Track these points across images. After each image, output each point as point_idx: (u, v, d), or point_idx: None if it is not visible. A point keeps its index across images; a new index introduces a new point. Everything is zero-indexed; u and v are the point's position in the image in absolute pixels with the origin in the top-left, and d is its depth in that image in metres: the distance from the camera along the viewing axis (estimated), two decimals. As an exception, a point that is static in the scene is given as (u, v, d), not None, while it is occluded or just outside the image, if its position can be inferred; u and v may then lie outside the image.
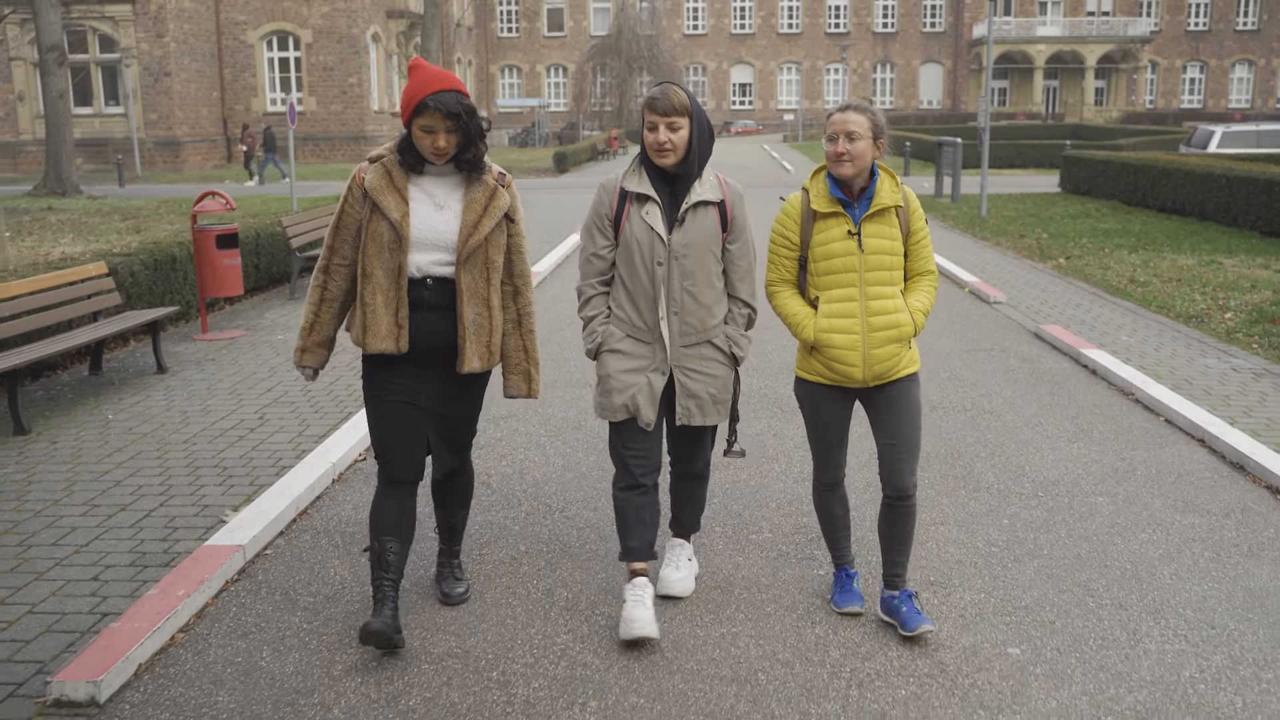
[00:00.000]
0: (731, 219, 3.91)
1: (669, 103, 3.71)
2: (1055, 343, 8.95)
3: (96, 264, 8.36)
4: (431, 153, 3.62)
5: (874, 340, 3.78)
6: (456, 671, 3.65)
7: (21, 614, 4.06)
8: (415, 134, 3.61)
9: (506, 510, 5.20)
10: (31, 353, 6.78)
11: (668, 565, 4.22)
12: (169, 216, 20.99)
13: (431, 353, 3.74)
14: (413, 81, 3.59)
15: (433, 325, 3.70)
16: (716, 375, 3.93)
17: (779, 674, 3.64)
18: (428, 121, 3.56)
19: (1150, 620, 4.04)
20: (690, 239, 3.82)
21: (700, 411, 3.92)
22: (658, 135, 3.74)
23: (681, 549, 4.29)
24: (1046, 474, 5.72)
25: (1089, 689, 3.55)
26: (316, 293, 3.81)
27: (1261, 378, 7.72)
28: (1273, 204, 15.76)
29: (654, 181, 3.85)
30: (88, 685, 3.41)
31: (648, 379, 3.86)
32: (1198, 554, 4.67)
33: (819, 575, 4.42)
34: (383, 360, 3.74)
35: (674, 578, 4.19)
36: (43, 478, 5.66)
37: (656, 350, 3.87)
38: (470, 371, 3.75)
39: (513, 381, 3.94)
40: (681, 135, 3.75)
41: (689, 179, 3.83)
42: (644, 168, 3.87)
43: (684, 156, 3.80)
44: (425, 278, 3.67)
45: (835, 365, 3.83)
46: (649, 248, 3.81)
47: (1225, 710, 3.42)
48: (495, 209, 3.71)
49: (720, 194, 3.88)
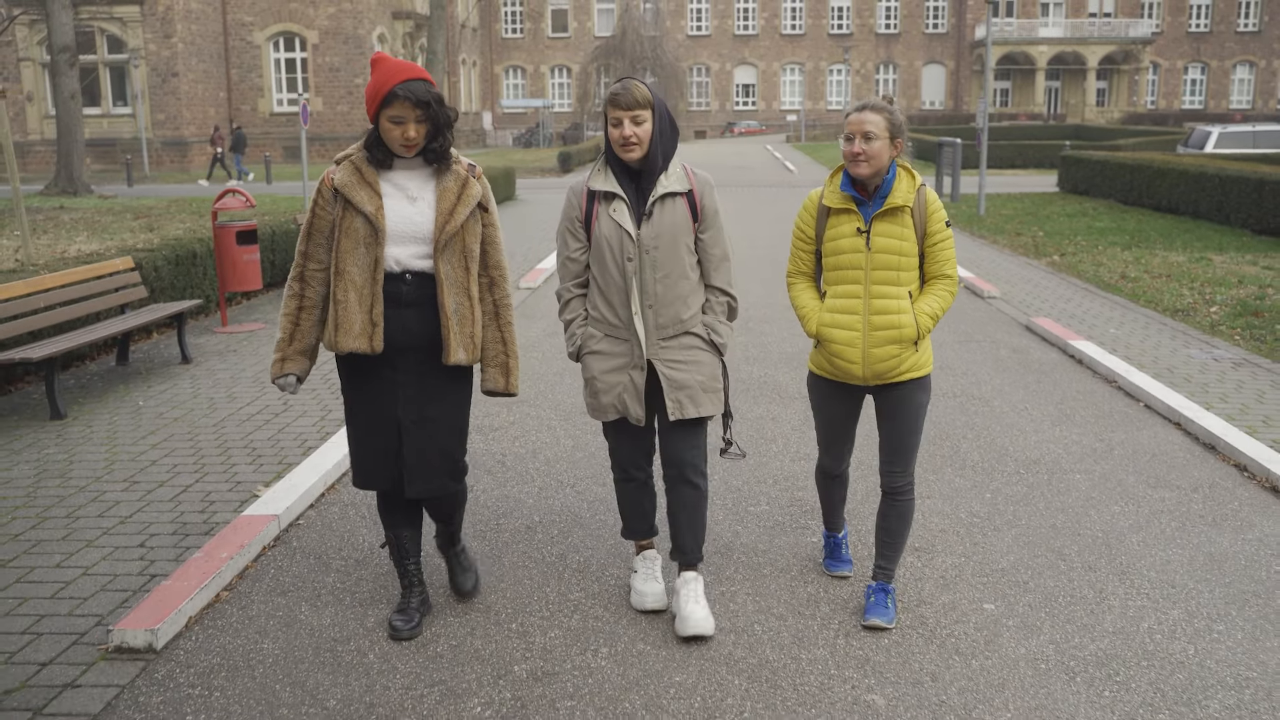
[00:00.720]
0: (701, 208, 3.88)
1: (631, 97, 3.71)
2: (1045, 334, 9.29)
3: (123, 259, 8.72)
4: (401, 144, 3.57)
5: (874, 339, 3.81)
6: (480, 623, 4.00)
7: (77, 575, 4.41)
8: (384, 126, 3.56)
9: (521, 485, 5.55)
10: (66, 341, 7.14)
11: (687, 601, 3.90)
12: (180, 215, 21.32)
13: (407, 352, 3.67)
14: (377, 75, 3.56)
15: (409, 323, 3.64)
16: (702, 363, 3.90)
17: (773, 625, 3.99)
18: (397, 112, 3.52)
19: (1116, 580, 4.39)
20: (659, 231, 3.80)
21: (692, 402, 3.87)
22: (622, 130, 3.73)
23: (696, 583, 3.96)
24: (1028, 454, 6.06)
25: (1056, 639, 3.90)
26: (294, 301, 3.74)
27: (1240, 366, 8.06)
28: (1263, 203, 16.09)
29: (620, 179, 3.84)
30: (145, 633, 3.76)
31: (629, 376, 3.87)
32: (1165, 524, 5.01)
33: (812, 543, 4.76)
34: (358, 363, 3.69)
35: (699, 614, 3.85)
36: (83, 458, 6.01)
37: (633, 346, 3.87)
38: (456, 363, 3.67)
39: (490, 375, 3.85)
40: (645, 128, 3.74)
41: (654, 173, 3.81)
42: (609, 167, 3.87)
43: (648, 150, 3.78)
44: (404, 272, 3.63)
45: (836, 361, 3.89)
46: (619, 245, 3.81)
47: (1178, 656, 3.76)
48: (468, 197, 3.68)
49: (688, 184, 3.86)
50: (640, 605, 4.04)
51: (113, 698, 3.48)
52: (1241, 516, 5.12)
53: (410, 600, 3.95)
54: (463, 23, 59.25)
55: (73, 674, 3.62)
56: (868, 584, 4.12)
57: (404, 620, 3.89)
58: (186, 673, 3.65)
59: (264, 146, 44.18)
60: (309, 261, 3.72)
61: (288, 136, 45.91)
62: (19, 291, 7.29)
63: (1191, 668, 3.69)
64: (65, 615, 4.05)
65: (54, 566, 4.49)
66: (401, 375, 3.69)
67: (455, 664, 3.70)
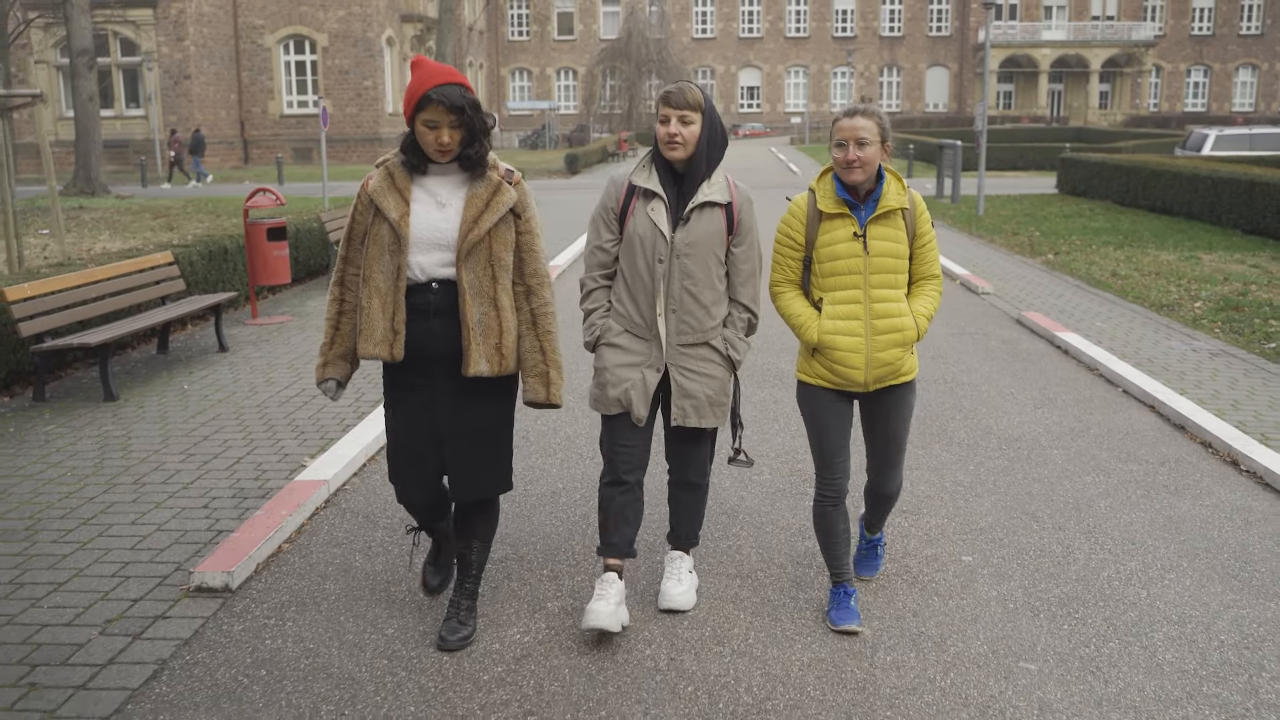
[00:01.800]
0: (738, 222, 3.91)
1: (683, 97, 3.77)
2: (1034, 327, 9.80)
3: (163, 254, 9.26)
4: (435, 149, 3.53)
5: (877, 343, 3.80)
6: (515, 569, 4.52)
7: (151, 531, 4.93)
8: (418, 130, 3.52)
9: (544, 458, 6.07)
10: (119, 329, 7.67)
11: (669, 578, 4.13)
12: (198, 215, 21.89)
13: (437, 361, 3.63)
14: (415, 78, 3.52)
15: (437, 330, 3.59)
16: (714, 376, 3.93)
17: (774, 573, 4.50)
18: (431, 116, 3.48)
19: (1082, 538, 4.90)
20: (694, 238, 3.83)
21: (696, 413, 3.91)
22: (669, 127, 3.77)
23: (681, 561, 4.19)
24: (1011, 432, 6.57)
25: (1025, 584, 4.41)
26: (334, 306, 3.74)
27: (1217, 357, 8.55)
28: (1254, 204, 16.57)
29: (663, 179, 3.86)
30: (222, 575, 4.28)
31: (642, 374, 3.87)
32: (1131, 491, 5.52)
33: (808, 506, 5.26)
34: (395, 372, 3.70)
35: (675, 591, 4.09)
36: (139, 434, 6.53)
37: (653, 347, 3.89)
38: (477, 374, 3.59)
39: (530, 385, 3.73)
40: (692, 130, 3.78)
41: (697, 178, 3.84)
42: (654, 165, 3.90)
43: (693, 153, 3.82)
44: (430, 281, 3.58)
45: (837, 368, 3.84)
46: (651, 244, 3.83)
47: (1131, 599, 4.27)
48: (498, 204, 3.59)
49: (728, 196, 3.88)
50: (585, 624, 3.77)
51: (199, 626, 4.00)
52: (1202, 486, 5.62)
53: (439, 556, 4.09)
54: (470, 25, 59.84)
55: (161, 608, 4.14)
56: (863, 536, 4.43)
57: (434, 572, 4.07)
58: (261, 607, 4.17)
59: (275, 148, 44.80)
60: (348, 266, 3.71)
61: (297, 138, 46.49)
62: (72, 283, 7.82)
63: (1142, 607, 4.20)
64: (146, 562, 4.57)
65: (129, 524, 5.02)
66: (438, 384, 3.65)
67: (496, 601, 4.21)
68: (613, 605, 3.81)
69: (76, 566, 4.53)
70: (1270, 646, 3.88)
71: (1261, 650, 3.85)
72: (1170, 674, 3.69)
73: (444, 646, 3.81)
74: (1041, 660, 3.78)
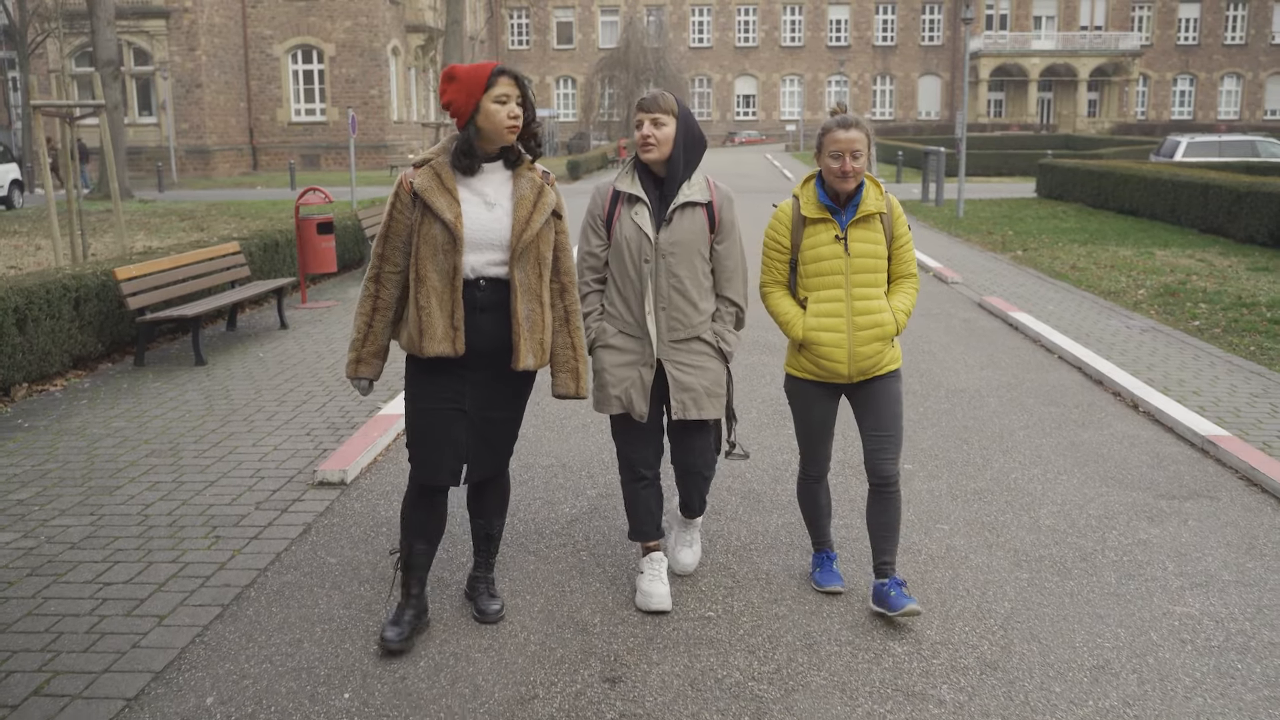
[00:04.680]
0: (719, 220, 4.07)
1: (655, 102, 3.96)
2: (991, 309, 11.17)
3: (231, 244, 10.61)
4: (508, 125, 3.64)
5: (859, 339, 4.01)
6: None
7: (270, 450, 6.27)
8: (488, 111, 3.62)
9: (549, 431, 7.42)
10: (207, 304, 9.03)
11: (679, 543, 4.51)
12: (222, 217, 23.23)
13: (482, 355, 3.72)
14: (465, 71, 3.65)
15: (484, 326, 3.69)
16: (708, 368, 4.10)
17: (754, 475, 5.86)
18: (503, 90, 3.62)
19: (1000, 455, 6.25)
20: (677, 238, 3.99)
21: (695, 405, 4.07)
22: (643, 130, 3.96)
23: (689, 528, 4.51)
24: (957, 385, 7.93)
25: (949, 482, 5.76)
26: (369, 303, 3.77)
27: (1146, 332, 9.91)
28: (1208, 205, 17.96)
29: (645, 184, 4.03)
30: (339, 472, 5.64)
31: (639, 373, 4.04)
32: (1047, 425, 6.88)
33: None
34: (431, 363, 3.73)
35: (685, 557, 4.48)
36: (235, 389, 7.88)
37: (645, 345, 4.05)
38: (525, 369, 3.74)
39: (561, 380, 3.90)
40: (666, 132, 3.94)
41: (676, 181, 4.00)
42: (636, 171, 4.07)
43: (670, 155, 3.97)
44: (479, 279, 3.68)
45: (822, 362, 4.05)
46: (637, 246, 3.99)
47: (1028, 489, 5.63)
48: (544, 204, 3.74)
49: (708, 196, 4.05)
50: (645, 606, 4.14)
51: (324, 508, 5.34)
52: (1104, 422, 6.98)
53: (404, 614, 3.90)
54: (471, 35, 61.26)
55: (296, 494, 5.50)
56: (876, 583, 4.16)
57: (397, 634, 3.83)
58: (370, 494, 5.53)
59: (283, 154, 46.19)
60: (385, 264, 3.74)
61: (305, 145, 47.82)
62: (164, 266, 9.17)
63: (1035, 495, 5.56)
64: (274, 468, 5.92)
65: (251, 446, 6.37)
66: (471, 375, 3.74)
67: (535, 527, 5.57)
68: (667, 585, 4.20)
69: (221, 471, 5.89)
70: (1122, 517, 5.25)
71: (1115, 519, 5.22)
72: (1046, 532, 5.05)
73: (483, 620, 4.07)
74: (951, 523, 5.15)
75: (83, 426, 6.84)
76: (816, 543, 4.46)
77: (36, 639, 3.93)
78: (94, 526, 5.06)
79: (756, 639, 3.98)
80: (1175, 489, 5.68)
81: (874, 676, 3.70)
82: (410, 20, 50.28)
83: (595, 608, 4.22)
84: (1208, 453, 6.29)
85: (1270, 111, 71.58)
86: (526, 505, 5.38)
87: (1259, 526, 5.14)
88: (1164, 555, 4.78)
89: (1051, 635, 4.02)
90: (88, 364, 8.63)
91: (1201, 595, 4.37)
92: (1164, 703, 3.55)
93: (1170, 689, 3.64)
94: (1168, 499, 5.52)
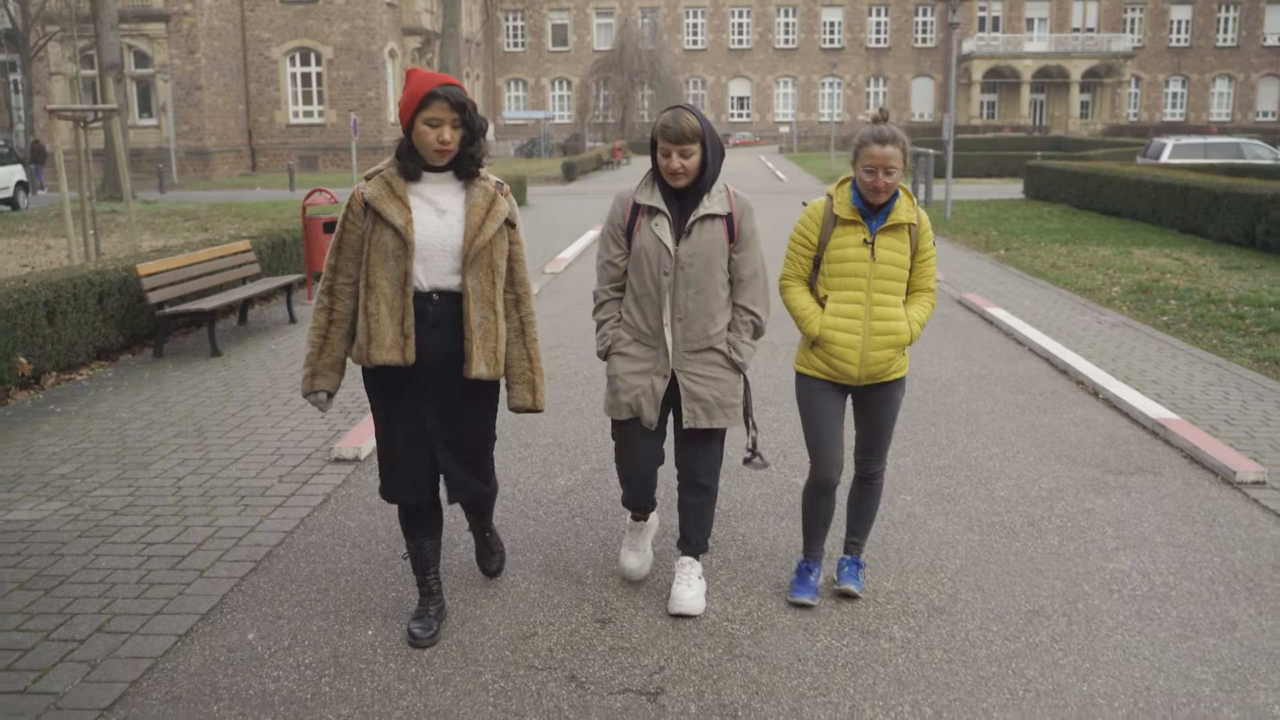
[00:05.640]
0: (738, 230, 4.06)
1: (680, 130, 3.86)
2: (969, 305, 11.67)
3: (242, 242, 11.10)
4: (436, 148, 3.59)
5: (873, 343, 4.05)
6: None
7: (287, 431, 6.76)
8: (419, 131, 3.59)
9: (569, 389, 7.92)
10: (221, 299, 9.52)
11: (679, 583, 4.25)
12: (225, 218, 23.69)
13: (434, 369, 3.71)
14: (413, 81, 3.61)
15: (437, 341, 3.68)
16: (721, 379, 4.08)
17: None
18: (434, 114, 3.56)
19: (964, 435, 6.75)
20: (696, 250, 3.98)
21: (706, 414, 4.07)
22: (670, 162, 3.90)
23: (691, 567, 4.31)
24: (930, 375, 8.43)
25: (914, 459, 6.26)
26: (323, 315, 3.75)
27: (1116, 327, 10.42)
28: (1187, 206, 18.49)
29: (665, 195, 4.02)
30: (354, 449, 6.13)
31: (651, 382, 4.05)
32: (1011, 410, 7.38)
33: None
34: (386, 376, 3.73)
35: (687, 595, 4.20)
36: (250, 377, 8.36)
37: (660, 355, 4.06)
38: (477, 376, 3.71)
39: (517, 391, 3.90)
40: (694, 161, 3.91)
41: (699, 193, 4.00)
42: (656, 182, 4.05)
43: (697, 176, 3.98)
44: (432, 292, 3.67)
45: (834, 361, 4.09)
46: (656, 258, 3.99)
47: (987, 467, 6.13)
48: (497, 212, 3.72)
49: (728, 207, 4.04)
50: (622, 572, 4.47)
51: (341, 480, 5.83)
52: (1065, 408, 7.49)
53: (429, 609, 4.03)
54: (467, 38, 61.76)
55: (313, 471, 5.99)
56: (841, 558, 4.49)
57: (423, 628, 3.95)
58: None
59: (281, 156, 46.69)
60: (338, 275, 3.72)
61: (302, 146, 48.32)
62: (180, 263, 9.66)
63: (994, 470, 6.06)
64: (293, 447, 6.41)
65: (270, 428, 6.86)
66: (430, 391, 3.74)
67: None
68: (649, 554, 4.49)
69: (244, 450, 6.38)
70: (1071, 489, 5.76)
71: (1064, 492, 5.72)
72: (999, 502, 5.56)
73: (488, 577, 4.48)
74: (913, 494, 5.65)
75: (111, 411, 7.33)
76: (805, 550, 4.47)
77: (93, 588, 4.43)
78: (133, 496, 5.56)
79: (731, 588, 4.48)
80: (1123, 465, 6.18)
81: (834, 619, 4.20)
82: (407, 23, 50.77)
83: (588, 563, 4.73)
84: (1157, 434, 6.80)
85: (1262, 113, 72.19)
86: (526, 478, 5.87)
87: (1195, 498, 5.65)
88: (1104, 522, 5.29)
89: (994, 586, 4.52)
90: (110, 355, 9.12)
91: (1133, 554, 4.88)
92: (1087, 639, 4.05)
93: (1094, 629, 4.14)
94: (1115, 474, 6.02)
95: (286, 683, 3.69)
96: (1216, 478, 5.97)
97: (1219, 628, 4.16)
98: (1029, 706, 3.59)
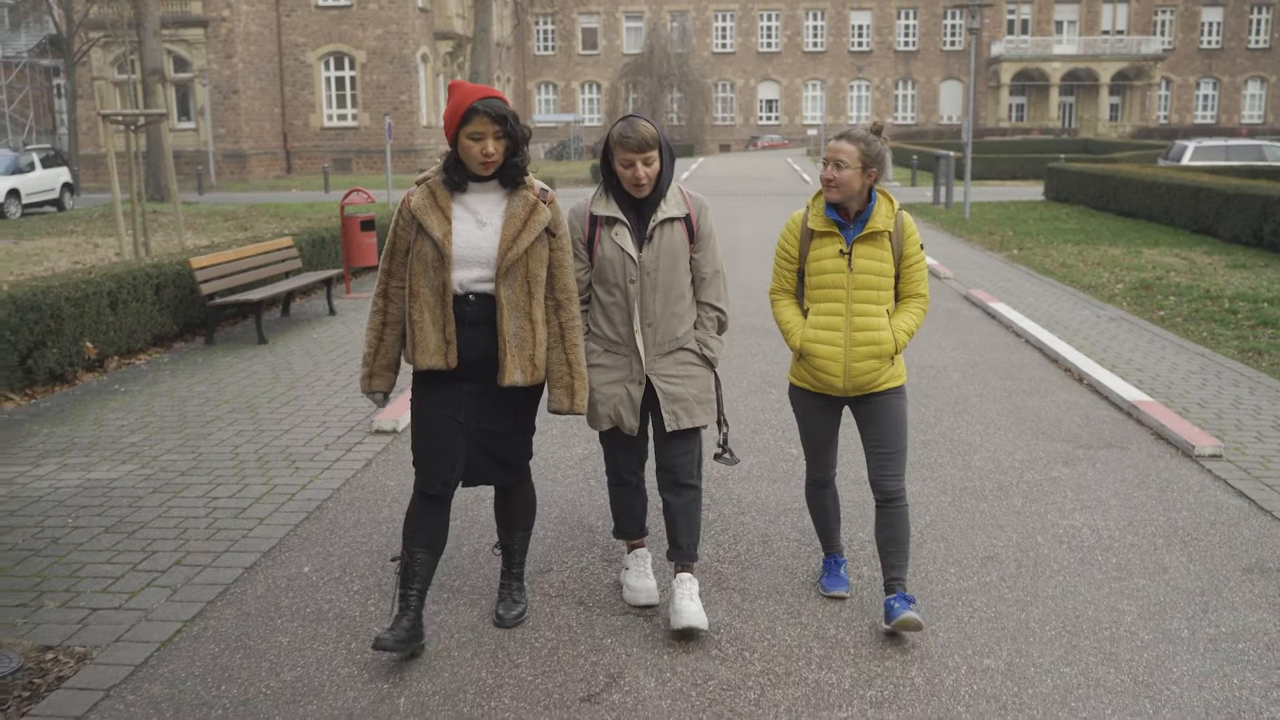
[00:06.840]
0: (697, 230, 4.11)
1: (641, 138, 3.88)
2: (974, 300, 12.22)
3: (285, 239, 11.83)
4: (480, 161, 3.68)
5: (855, 354, 4.03)
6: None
7: (333, 407, 7.44)
8: (463, 145, 3.67)
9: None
10: (268, 291, 10.24)
11: (682, 597, 4.13)
12: (263, 218, 24.51)
13: (473, 367, 3.78)
14: (455, 96, 3.67)
15: (473, 340, 3.75)
16: (695, 376, 4.14)
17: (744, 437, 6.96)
18: (477, 128, 3.63)
19: (951, 414, 7.33)
20: (659, 254, 4.02)
21: (687, 414, 4.11)
22: (635, 172, 3.91)
23: (690, 583, 4.20)
24: (927, 362, 9.00)
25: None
26: (378, 318, 3.85)
27: (1113, 321, 10.94)
28: (1199, 207, 18.91)
29: (621, 204, 4.04)
30: (392, 422, 6.80)
31: (626, 389, 4.09)
32: (999, 395, 7.95)
33: (784, 398, 7.69)
34: (429, 376, 3.82)
35: (692, 609, 4.08)
36: (295, 363, 9.05)
37: (633, 362, 4.09)
38: (512, 384, 3.78)
39: (556, 395, 3.95)
40: (654, 168, 3.95)
41: (655, 199, 4.02)
42: (610, 192, 4.06)
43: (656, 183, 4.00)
44: (467, 294, 3.74)
45: (818, 374, 4.11)
46: (621, 267, 4.01)
47: (968, 441, 6.71)
48: (535, 223, 3.76)
49: (685, 208, 4.09)
50: (633, 601, 4.34)
51: (382, 448, 6.50)
52: (1052, 393, 8.04)
53: (402, 620, 3.84)
54: (497, 42, 62.62)
55: (356, 440, 6.66)
56: (886, 599, 4.12)
57: (392, 635, 3.78)
58: (418, 440, 6.67)
59: (315, 158, 47.68)
60: (391, 279, 3.83)
61: (336, 149, 49.26)
62: (229, 258, 10.38)
63: (973, 445, 6.64)
64: (338, 420, 7.09)
65: (315, 405, 7.54)
66: (466, 387, 3.81)
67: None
68: (654, 580, 4.36)
69: (293, 423, 7.07)
70: (1042, 461, 6.33)
71: (1036, 463, 6.30)
72: (974, 470, 6.14)
73: (502, 624, 4.15)
74: (897, 463, 6.23)
75: (170, 390, 8.04)
76: (826, 547, 4.56)
77: (169, 532, 5.12)
78: (196, 460, 6.25)
79: (724, 536, 5.10)
80: (1094, 441, 6.74)
81: (812, 562, 4.81)
82: (439, 28, 51.64)
83: (599, 515, 5.36)
84: (1131, 414, 7.35)
85: (1294, 115, 72.02)
86: (546, 447, 6.50)
87: (1154, 469, 6.21)
88: (1067, 487, 5.86)
89: (957, 537, 5.12)
90: (165, 342, 9.85)
91: (1088, 514, 5.45)
92: (1032, 579, 4.64)
93: (1040, 571, 4.72)
94: (1085, 449, 6.59)
95: (338, 603, 4.36)
96: (1178, 451, 6.52)
97: (1150, 571, 4.73)
98: (972, 629, 4.18)
